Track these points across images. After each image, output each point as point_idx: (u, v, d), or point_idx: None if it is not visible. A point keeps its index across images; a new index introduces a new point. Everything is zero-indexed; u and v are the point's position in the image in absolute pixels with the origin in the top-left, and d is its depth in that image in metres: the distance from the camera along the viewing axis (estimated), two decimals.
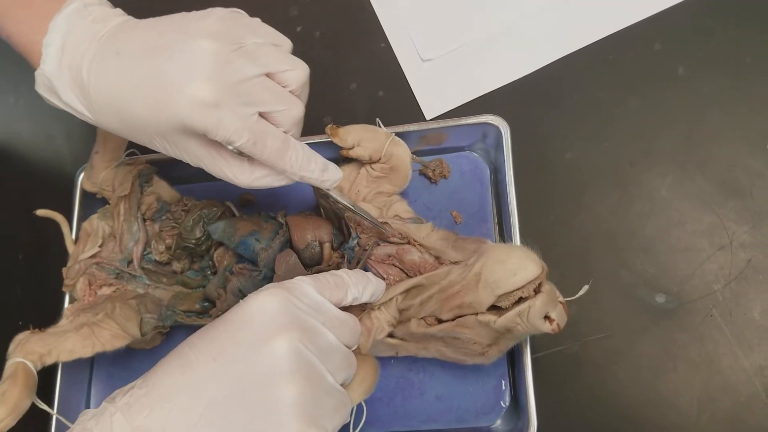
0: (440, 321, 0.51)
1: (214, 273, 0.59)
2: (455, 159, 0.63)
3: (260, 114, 0.44)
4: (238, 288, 0.54)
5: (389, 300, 0.52)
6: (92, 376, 0.64)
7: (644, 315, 0.57)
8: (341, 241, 0.57)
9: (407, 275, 0.55)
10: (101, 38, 0.44)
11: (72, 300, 0.60)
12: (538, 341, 0.56)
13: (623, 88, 0.63)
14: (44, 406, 0.51)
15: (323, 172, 0.49)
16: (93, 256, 0.59)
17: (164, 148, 0.46)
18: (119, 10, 0.48)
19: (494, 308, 0.48)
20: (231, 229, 0.56)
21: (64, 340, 0.54)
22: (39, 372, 0.52)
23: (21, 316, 0.67)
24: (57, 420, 0.58)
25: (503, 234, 0.59)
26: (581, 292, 0.49)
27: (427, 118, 0.65)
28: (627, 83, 0.63)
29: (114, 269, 0.59)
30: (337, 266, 0.55)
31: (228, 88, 0.42)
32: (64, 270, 0.60)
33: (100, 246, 0.60)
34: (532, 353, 0.53)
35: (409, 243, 0.55)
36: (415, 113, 0.66)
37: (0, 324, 0.67)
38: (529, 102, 0.64)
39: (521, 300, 0.47)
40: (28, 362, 0.51)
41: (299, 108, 0.46)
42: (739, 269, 0.57)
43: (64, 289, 0.60)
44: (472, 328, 0.49)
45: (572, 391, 0.56)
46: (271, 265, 0.54)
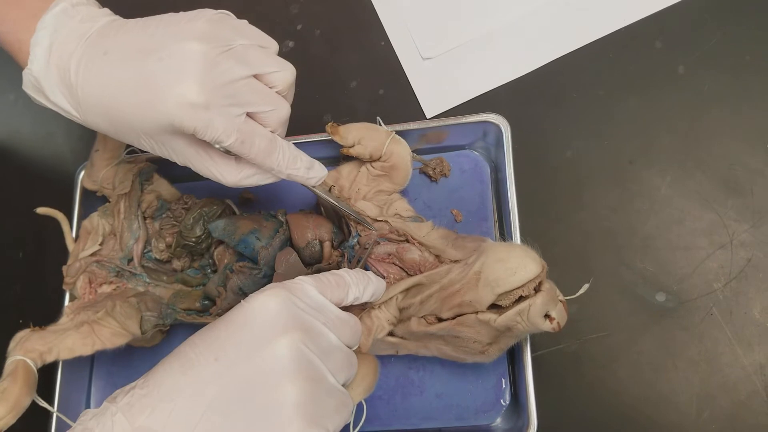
0: (440, 319, 0.51)
1: (215, 271, 0.59)
2: (455, 157, 0.63)
3: (248, 114, 0.45)
4: (239, 286, 0.54)
5: (389, 299, 0.52)
6: (92, 374, 0.64)
7: (644, 313, 0.57)
8: (341, 240, 0.57)
9: (407, 274, 0.55)
10: (89, 38, 0.44)
11: (72, 298, 0.60)
12: (538, 340, 0.56)
13: (623, 87, 0.63)
14: (45, 404, 0.51)
15: (308, 170, 0.50)
16: (93, 254, 0.59)
17: (152, 148, 0.46)
18: (107, 10, 0.48)
19: (494, 307, 0.48)
20: (231, 228, 0.56)
21: (65, 338, 0.54)
22: (39, 370, 0.52)
23: (21, 314, 0.67)
24: (57, 418, 0.58)
25: (503, 232, 0.59)
26: (581, 291, 0.49)
27: (428, 117, 0.65)
28: (627, 81, 0.63)
29: (114, 267, 0.59)
30: (337, 264, 0.55)
31: (217, 90, 0.42)
32: (65, 268, 0.60)
33: (101, 244, 0.60)
34: (532, 352, 0.53)
35: (409, 241, 0.55)
36: (416, 111, 0.66)
37: (0, 322, 0.67)
38: (530, 100, 0.64)
39: (521, 298, 0.47)
40: (29, 360, 0.51)
41: (285, 108, 0.47)
42: (740, 268, 0.57)
43: (65, 287, 0.60)
44: (473, 327, 0.49)
45: (572, 390, 0.57)
46: (272, 264, 0.54)
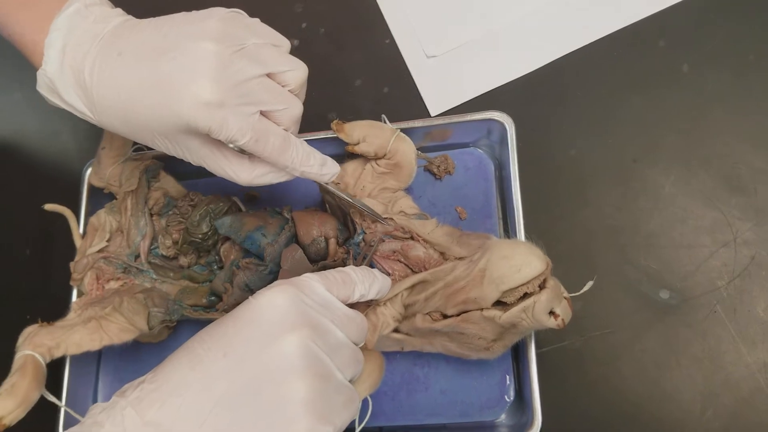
0: (445, 316, 0.51)
1: (221, 267, 0.59)
2: (460, 155, 0.63)
3: (261, 113, 0.45)
4: (245, 282, 0.55)
5: (395, 296, 0.52)
6: (100, 370, 0.64)
7: (648, 311, 0.57)
8: (346, 237, 0.57)
9: (412, 271, 0.55)
10: (103, 39, 0.45)
11: (80, 294, 0.61)
12: (543, 336, 0.57)
13: (627, 85, 0.63)
14: (53, 399, 0.52)
15: (322, 167, 0.50)
16: (100, 251, 0.60)
17: (166, 148, 0.47)
18: (119, 10, 0.48)
19: (499, 304, 0.48)
20: (237, 224, 0.56)
21: (72, 333, 0.54)
22: (47, 365, 0.52)
23: (29, 310, 0.67)
24: (65, 412, 0.59)
25: (508, 230, 0.59)
26: (586, 288, 0.49)
27: (432, 115, 0.66)
28: (631, 80, 0.63)
29: (121, 263, 0.60)
30: (343, 261, 0.56)
31: (231, 89, 0.43)
32: (72, 264, 0.60)
33: (108, 240, 0.60)
34: (537, 348, 0.54)
35: (414, 239, 0.55)
36: (420, 109, 0.66)
37: (8, 317, 0.68)
38: (534, 99, 0.65)
39: (526, 295, 0.47)
40: (37, 355, 0.52)
41: (298, 107, 0.47)
42: (743, 266, 0.57)
43: (72, 284, 0.61)
44: (477, 324, 0.50)
45: (576, 386, 0.57)
46: (277, 260, 0.54)
